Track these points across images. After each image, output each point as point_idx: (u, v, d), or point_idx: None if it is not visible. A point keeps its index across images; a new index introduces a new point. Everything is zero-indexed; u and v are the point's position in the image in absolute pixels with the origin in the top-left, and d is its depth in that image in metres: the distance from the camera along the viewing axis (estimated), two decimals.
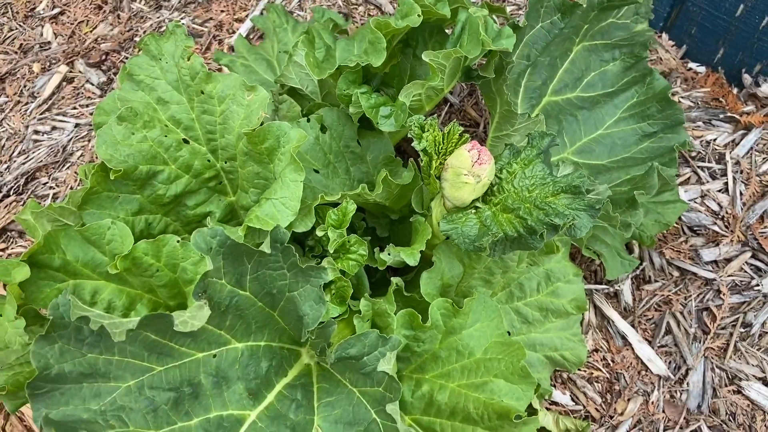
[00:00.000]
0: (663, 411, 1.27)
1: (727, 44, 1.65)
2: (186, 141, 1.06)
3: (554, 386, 1.31)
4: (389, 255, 1.06)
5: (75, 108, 1.75)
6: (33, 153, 1.67)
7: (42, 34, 1.91)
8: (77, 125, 1.72)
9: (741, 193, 1.51)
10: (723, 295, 1.38)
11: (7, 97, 1.78)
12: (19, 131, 1.71)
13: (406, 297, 1.08)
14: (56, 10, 1.96)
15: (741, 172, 1.54)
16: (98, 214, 1.01)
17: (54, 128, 1.72)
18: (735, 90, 1.68)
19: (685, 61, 1.76)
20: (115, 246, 0.95)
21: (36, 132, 1.71)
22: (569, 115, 1.40)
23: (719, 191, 1.52)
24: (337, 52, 1.24)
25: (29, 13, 1.96)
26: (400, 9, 1.10)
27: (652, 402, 1.28)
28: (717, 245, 1.44)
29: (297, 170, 0.97)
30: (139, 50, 1.05)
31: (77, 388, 0.80)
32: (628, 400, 1.28)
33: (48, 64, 1.84)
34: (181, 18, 1.93)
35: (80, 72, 1.82)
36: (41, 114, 1.74)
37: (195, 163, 1.07)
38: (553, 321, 1.13)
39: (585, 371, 1.32)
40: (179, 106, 1.04)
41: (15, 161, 1.66)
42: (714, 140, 1.60)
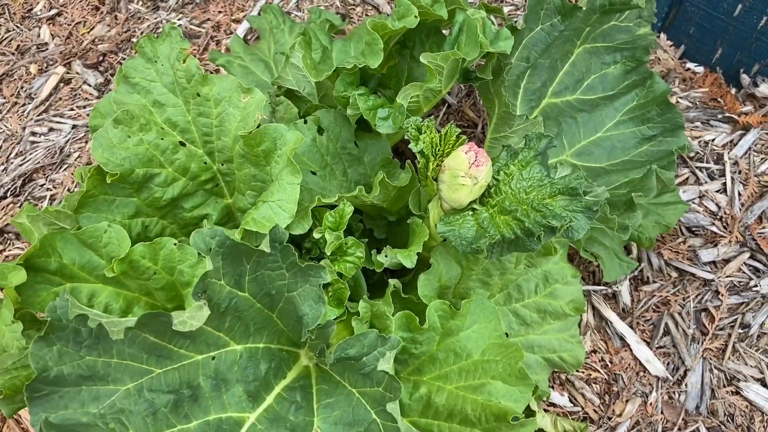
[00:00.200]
0: (661, 412, 1.27)
1: (726, 44, 1.65)
2: (182, 144, 1.06)
3: (552, 388, 1.31)
4: (386, 257, 1.06)
5: (72, 109, 1.75)
6: (30, 154, 1.67)
7: (39, 35, 1.91)
8: (74, 127, 1.71)
9: (739, 194, 1.51)
10: (721, 296, 1.38)
11: (4, 99, 1.78)
12: (16, 133, 1.71)
13: (404, 299, 1.08)
14: (53, 11, 1.95)
15: (739, 173, 1.54)
16: (95, 218, 1.01)
17: (51, 130, 1.71)
18: (733, 90, 1.68)
19: (684, 62, 1.75)
20: (112, 249, 0.95)
21: (33, 133, 1.71)
22: (569, 118, 1.39)
23: (717, 192, 1.52)
24: (334, 53, 1.24)
25: (26, 14, 1.96)
26: (397, 10, 1.10)
27: (651, 403, 1.28)
28: (715, 246, 1.44)
29: (294, 172, 0.97)
30: (135, 52, 1.05)
31: (76, 391, 0.79)
32: (627, 402, 1.28)
33: (45, 66, 1.84)
34: (179, 19, 1.92)
35: (77, 73, 1.82)
36: (38, 115, 1.74)
37: (192, 166, 1.06)
38: (551, 322, 1.12)
39: (583, 372, 1.32)
40: (175, 109, 1.04)
41: (12, 163, 1.66)
42: (712, 140, 1.60)
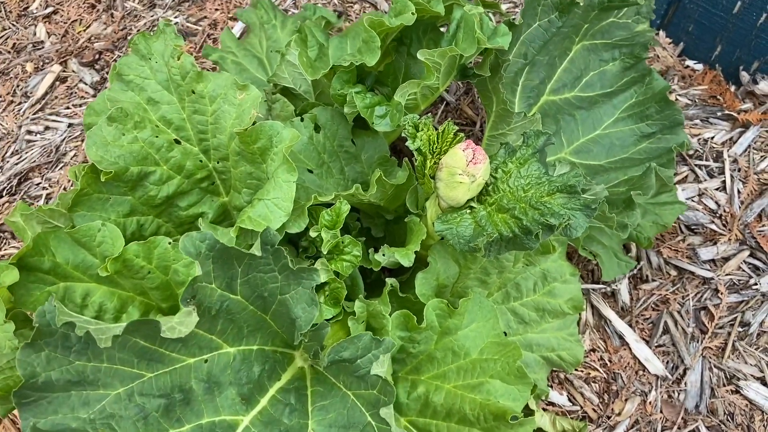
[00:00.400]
0: (661, 411, 1.26)
1: (725, 41, 1.64)
2: (177, 141, 1.05)
3: (551, 387, 1.30)
4: (384, 256, 1.05)
5: (68, 108, 1.74)
6: (26, 153, 1.66)
7: (35, 34, 1.90)
8: (70, 125, 1.70)
9: (739, 192, 1.50)
10: (721, 294, 1.37)
11: (0, 97, 1.76)
12: (12, 131, 1.70)
13: (402, 298, 1.07)
14: (49, 9, 1.94)
15: (739, 170, 1.53)
16: (89, 216, 1.00)
17: (47, 128, 1.70)
18: (732, 87, 1.67)
19: (683, 59, 1.74)
20: (106, 248, 0.94)
21: (29, 132, 1.70)
22: (567, 115, 1.38)
23: (717, 189, 1.51)
24: (331, 51, 1.23)
25: (22, 12, 1.95)
26: (394, 7, 1.09)
27: (650, 402, 1.27)
28: (715, 244, 1.43)
29: (290, 170, 0.96)
30: (130, 49, 1.04)
31: (65, 396, 0.78)
32: (626, 401, 1.27)
33: (41, 64, 1.82)
34: (175, 16, 1.91)
35: (73, 71, 1.80)
36: (34, 114, 1.73)
37: (187, 164, 1.05)
38: (550, 321, 1.12)
39: (582, 371, 1.31)
40: (170, 106, 1.03)
41: (8, 161, 1.65)
42: (711, 138, 1.59)
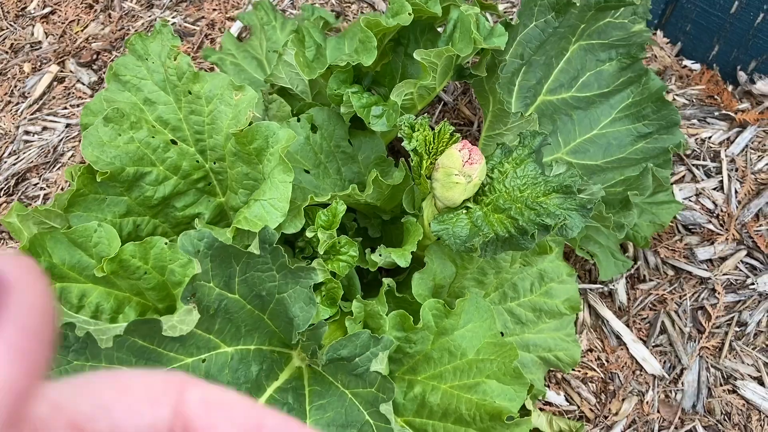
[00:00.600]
0: (658, 411, 1.26)
1: (722, 41, 1.64)
2: (174, 142, 1.05)
3: (548, 387, 1.30)
4: (380, 256, 1.05)
5: (66, 108, 1.74)
6: (23, 154, 1.66)
7: (33, 34, 1.90)
8: (68, 125, 1.70)
9: (736, 192, 1.50)
10: (718, 294, 1.37)
11: None
12: (10, 132, 1.70)
13: (398, 298, 1.07)
14: (47, 10, 1.94)
15: (736, 170, 1.53)
16: (85, 217, 1.00)
17: (45, 128, 1.70)
18: (730, 87, 1.67)
19: (680, 59, 1.75)
20: (102, 248, 0.94)
21: (26, 132, 1.70)
22: (564, 115, 1.39)
23: (714, 189, 1.51)
24: (328, 51, 1.23)
25: (20, 13, 1.95)
26: (391, 7, 1.09)
27: (647, 402, 1.27)
28: (712, 244, 1.43)
29: (286, 171, 0.96)
30: (126, 49, 1.04)
31: None
32: (623, 400, 1.27)
33: (39, 64, 1.82)
34: (173, 17, 1.91)
35: (71, 72, 1.80)
36: (32, 114, 1.73)
37: (183, 164, 1.05)
38: (547, 321, 1.12)
39: (579, 371, 1.31)
40: (166, 107, 1.03)
41: (5, 162, 1.64)
42: (709, 138, 1.59)
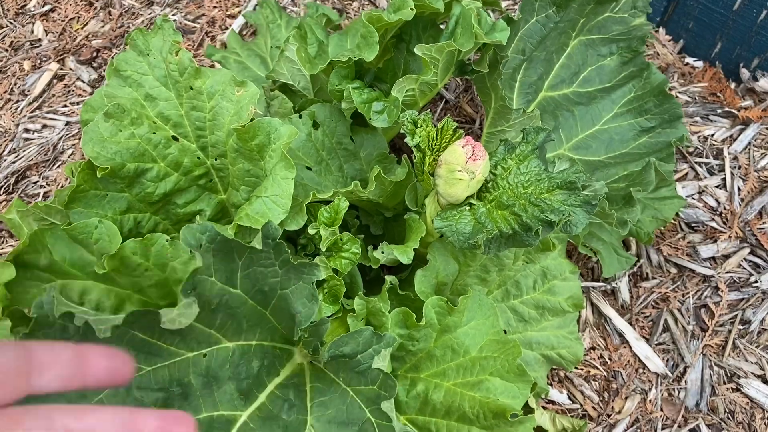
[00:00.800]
0: (661, 409, 1.26)
1: (725, 39, 1.64)
2: (175, 138, 1.04)
3: (551, 385, 1.29)
4: (383, 253, 1.04)
5: (66, 106, 1.73)
6: (23, 151, 1.65)
7: (33, 32, 1.89)
8: (68, 123, 1.70)
9: (739, 189, 1.49)
10: (721, 292, 1.36)
11: None
12: (10, 129, 1.69)
13: (401, 295, 1.06)
14: (47, 7, 1.93)
15: (739, 168, 1.52)
16: (85, 213, 0.99)
17: (45, 126, 1.70)
18: (733, 85, 1.67)
19: (683, 56, 1.74)
20: (103, 245, 0.93)
21: (26, 130, 1.69)
22: (566, 111, 1.38)
23: (717, 187, 1.50)
24: (330, 47, 1.22)
25: (20, 10, 1.94)
26: (393, 3, 1.08)
27: (650, 400, 1.26)
28: (715, 242, 1.43)
29: (288, 167, 0.96)
30: (127, 45, 1.03)
31: None
32: (626, 399, 1.27)
33: (38, 62, 1.82)
34: (173, 14, 1.90)
35: (71, 69, 1.80)
36: (32, 112, 1.72)
37: (184, 161, 1.05)
38: (550, 319, 1.11)
39: (582, 369, 1.31)
40: (167, 103, 1.02)
41: (5, 160, 1.64)
42: (712, 135, 1.58)
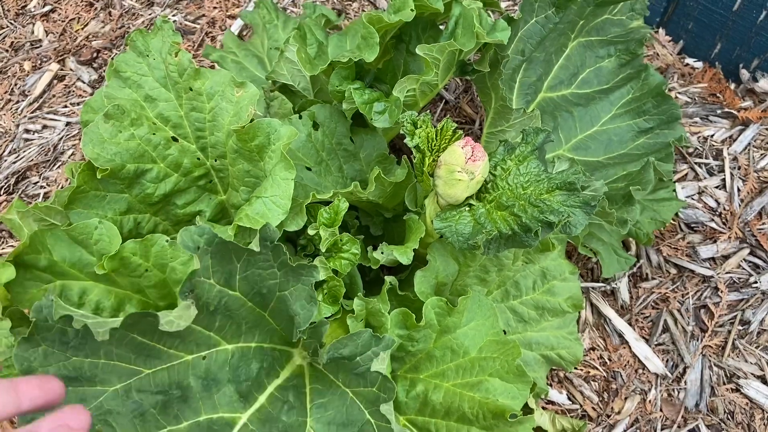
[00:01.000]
0: (660, 410, 1.26)
1: (725, 39, 1.64)
2: (175, 139, 1.04)
3: (550, 385, 1.29)
4: (382, 254, 1.04)
5: (66, 106, 1.73)
6: (23, 152, 1.65)
7: (33, 32, 1.89)
8: (68, 124, 1.70)
9: (739, 190, 1.49)
10: (721, 293, 1.36)
11: None
12: (10, 130, 1.69)
13: (401, 296, 1.06)
14: (47, 8, 1.94)
15: (739, 168, 1.53)
16: (85, 214, 1.00)
17: (45, 127, 1.70)
18: (732, 85, 1.67)
19: (682, 57, 1.74)
20: (103, 246, 0.93)
21: (27, 131, 1.69)
22: (565, 112, 1.38)
23: (717, 188, 1.51)
24: (330, 48, 1.22)
25: (20, 11, 1.94)
26: (393, 3, 1.08)
27: (650, 401, 1.26)
28: (715, 242, 1.43)
29: (288, 168, 0.96)
30: (127, 46, 1.03)
31: None
32: (626, 399, 1.27)
33: (39, 62, 1.82)
34: (173, 15, 1.90)
35: (71, 70, 1.80)
36: (32, 112, 1.72)
37: (184, 162, 1.05)
38: (549, 319, 1.11)
39: (582, 370, 1.31)
40: (167, 104, 1.02)
41: (5, 160, 1.64)
42: (711, 136, 1.59)
